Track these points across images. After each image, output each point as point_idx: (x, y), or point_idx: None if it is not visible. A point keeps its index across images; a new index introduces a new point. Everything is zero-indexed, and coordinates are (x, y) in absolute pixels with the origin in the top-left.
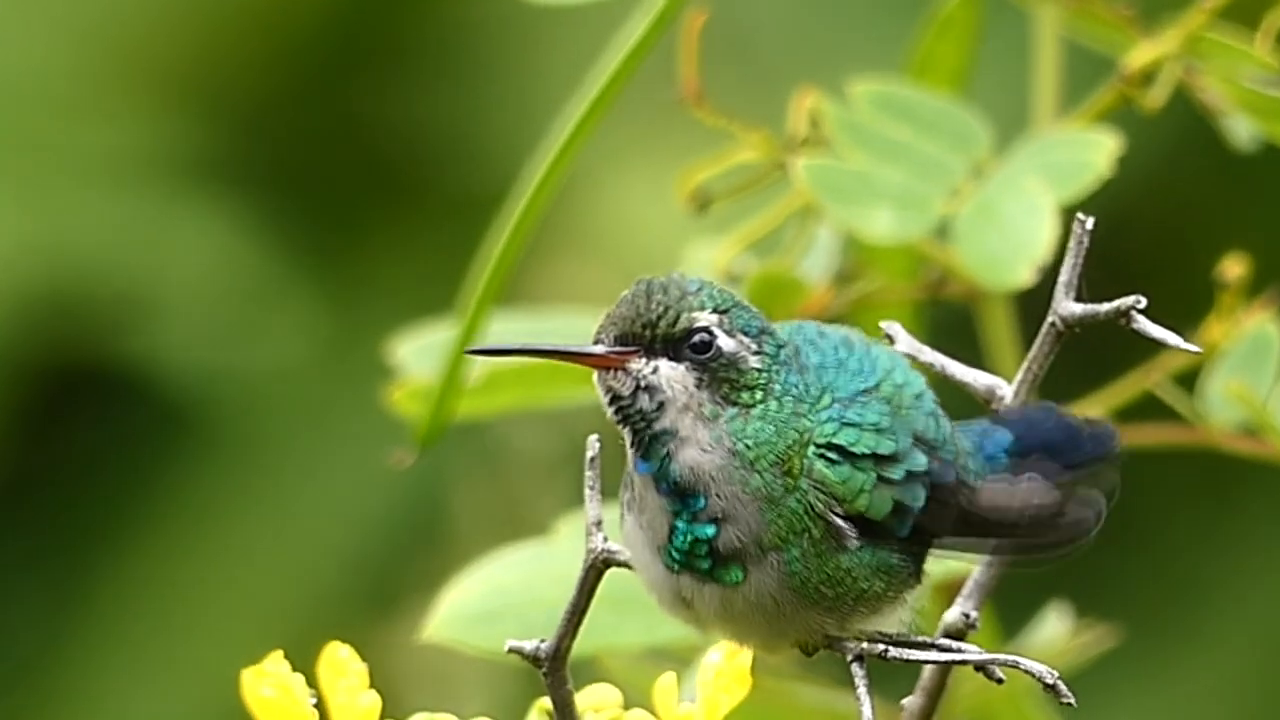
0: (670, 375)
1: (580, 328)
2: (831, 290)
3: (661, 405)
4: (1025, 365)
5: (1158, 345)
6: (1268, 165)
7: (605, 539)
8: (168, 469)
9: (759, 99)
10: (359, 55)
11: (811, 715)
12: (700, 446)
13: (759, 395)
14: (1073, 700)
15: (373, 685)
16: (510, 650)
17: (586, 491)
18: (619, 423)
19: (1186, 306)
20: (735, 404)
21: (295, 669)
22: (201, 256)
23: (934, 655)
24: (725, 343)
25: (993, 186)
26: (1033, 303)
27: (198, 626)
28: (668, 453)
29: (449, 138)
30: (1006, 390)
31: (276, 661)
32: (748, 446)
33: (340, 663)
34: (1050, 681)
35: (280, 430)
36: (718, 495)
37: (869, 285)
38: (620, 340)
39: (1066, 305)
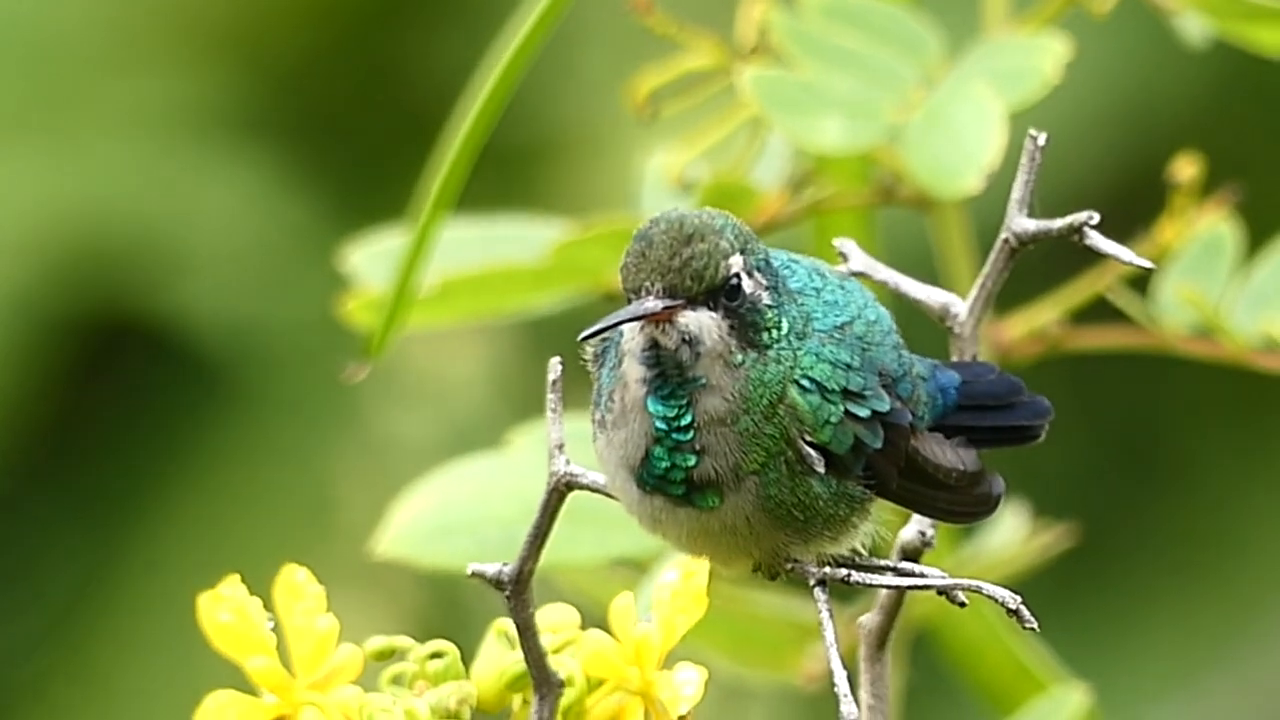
0: (710, 326)
1: (530, 235)
2: (784, 197)
3: (699, 356)
4: (979, 282)
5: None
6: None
7: (568, 462)
8: (199, 423)
9: (710, 9)
10: (393, 8)
11: (771, 624)
12: (723, 395)
13: (774, 335)
14: (1035, 625)
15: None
16: (473, 574)
17: (549, 414)
18: (649, 366)
19: (1149, 214)
20: (755, 347)
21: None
22: (236, 210)
23: (896, 580)
24: (746, 285)
25: (941, 94)
26: (986, 205)
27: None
28: (689, 399)
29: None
30: (961, 307)
31: (233, 585)
32: (755, 391)
33: (297, 586)
34: (1013, 607)
35: (310, 383)
36: (709, 432)
37: (821, 192)
38: (668, 292)
39: (1020, 221)
